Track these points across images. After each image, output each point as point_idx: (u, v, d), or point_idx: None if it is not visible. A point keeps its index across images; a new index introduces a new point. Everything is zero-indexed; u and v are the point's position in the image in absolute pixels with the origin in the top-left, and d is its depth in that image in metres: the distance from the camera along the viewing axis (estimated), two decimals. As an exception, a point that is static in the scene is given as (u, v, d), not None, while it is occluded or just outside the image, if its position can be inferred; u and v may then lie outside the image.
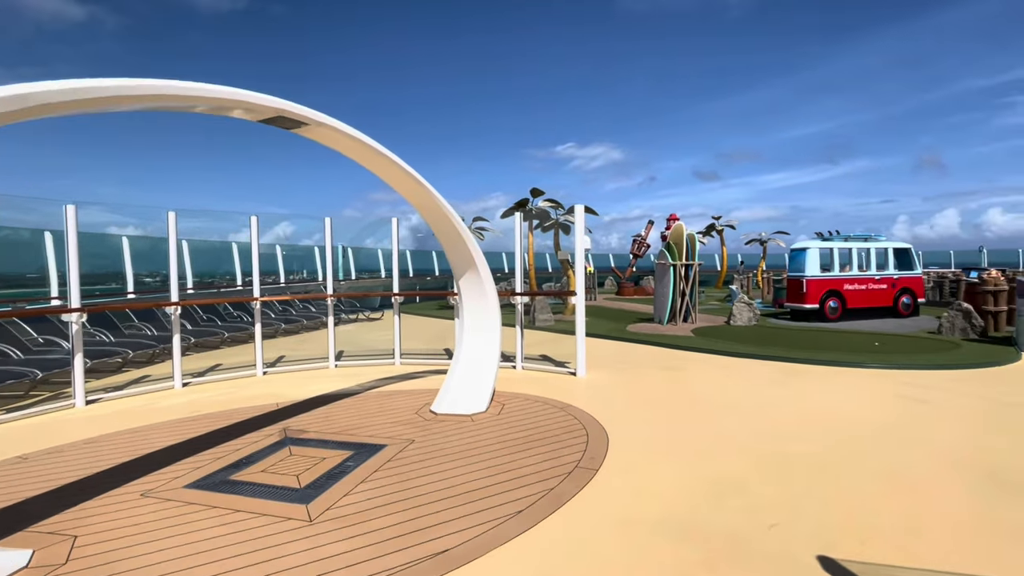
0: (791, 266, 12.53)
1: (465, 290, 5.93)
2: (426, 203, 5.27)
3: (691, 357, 8.27)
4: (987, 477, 3.54)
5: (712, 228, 27.01)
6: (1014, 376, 6.66)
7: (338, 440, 4.55)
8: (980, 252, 30.59)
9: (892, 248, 12.70)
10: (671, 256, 11.57)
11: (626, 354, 8.69)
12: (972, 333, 9.29)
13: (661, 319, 11.68)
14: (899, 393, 5.78)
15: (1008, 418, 4.91)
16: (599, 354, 8.63)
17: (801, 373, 6.94)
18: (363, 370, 7.77)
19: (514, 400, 5.74)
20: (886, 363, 7.22)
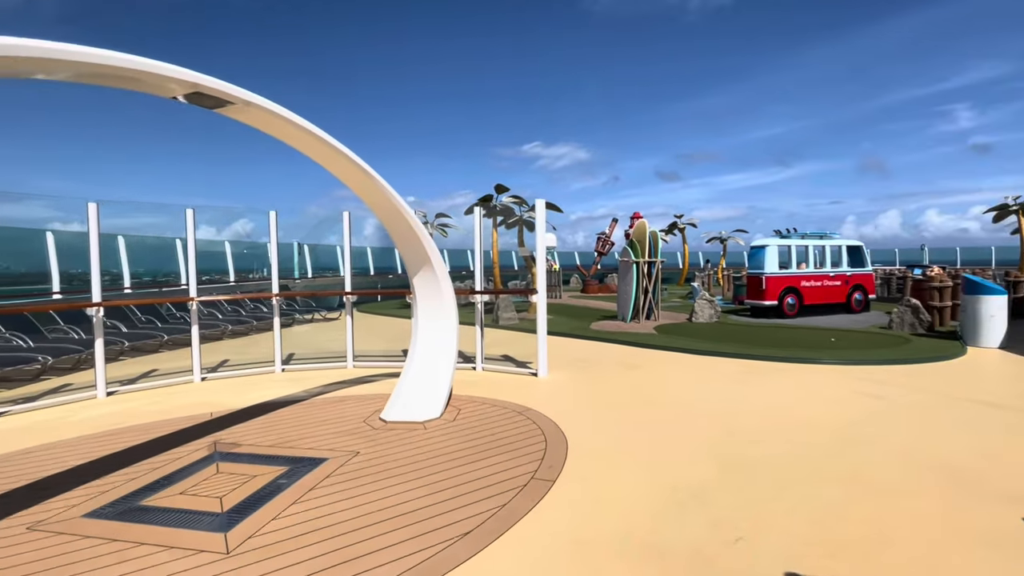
0: (751, 263, 12.70)
1: (420, 289, 5.58)
2: (375, 196, 4.89)
3: (654, 355, 8.17)
4: (948, 478, 3.49)
5: (674, 226, 27.42)
6: (961, 370, 6.83)
7: (274, 454, 4.14)
8: (922, 250, 32.28)
9: (845, 246, 13.06)
10: (634, 254, 11.51)
11: (589, 353, 8.52)
12: (920, 328, 9.59)
13: (624, 316, 11.61)
14: (856, 389, 5.80)
15: (960, 414, 4.95)
16: (562, 353, 8.43)
17: (762, 370, 6.91)
18: (312, 374, 7.29)
19: (471, 404, 5.43)
20: (842, 359, 7.29)
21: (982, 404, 5.21)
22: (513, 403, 5.44)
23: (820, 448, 4.07)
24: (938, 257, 30.91)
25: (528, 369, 7.05)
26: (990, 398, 5.44)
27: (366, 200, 4.96)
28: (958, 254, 30.65)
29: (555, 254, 31.87)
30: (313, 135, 4.05)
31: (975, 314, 8.36)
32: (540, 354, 6.70)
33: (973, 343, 8.33)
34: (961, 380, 6.31)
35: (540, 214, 6.75)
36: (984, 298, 8.30)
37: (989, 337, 8.24)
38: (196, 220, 7.17)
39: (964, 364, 7.15)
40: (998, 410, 4.99)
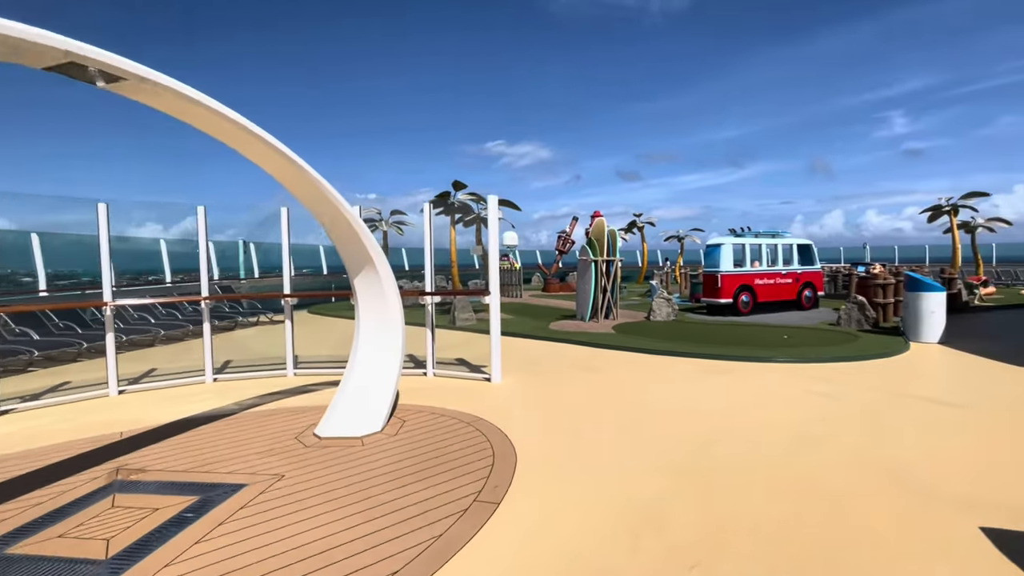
0: (707, 261, 12.82)
1: (362, 291, 5.15)
2: (303, 186, 4.43)
3: (612, 356, 8.01)
4: (902, 483, 3.40)
5: (633, 225, 27.70)
6: (906, 366, 6.98)
7: (185, 481, 3.65)
8: (864, 249, 33.98)
9: (796, 244, 13.38)
10: (592, 252, 11.37)
11: (547, 354, 8.28)
12: (866, 324, 9.86)
13: (583, 316, 11.47)
14: (809, 389, 5.78)
15: (909, 412, 4.96)
16: (519, 355, 8.15)
17: (718, 370, 6.85)
18: (248, 384, 6.72)
19: (417, 415, 5.06)
20: (795, 357, 7.33)
21: (928, 401, 5.26)
22: (463, 412, 5.10)
23: (777, 454, 3.94)
24: (878, 255, 32.59)
25: (482, 374, 6.72)
26: (935, 395, 5.51)
27: (293, 191, 4.49)
28: (896, 252, 32.41)
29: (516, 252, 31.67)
30: (222, 116, 3.57)
31: (917, 311, 8.62)
32: (494, 359, 6.39)
33: (915, 338, 8.59)
34: (907, 377, 6.42)
35: (492, 210, 6.43)
36: (925, 295, 8.57)
37: (929, 332, 8.52)
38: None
39: (908, 360, 7.32)
40: (944, 408, 5.04)
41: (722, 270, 12.24)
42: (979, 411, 4.89)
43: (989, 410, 4.92)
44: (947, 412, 4.88)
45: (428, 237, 6.85)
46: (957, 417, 4.74)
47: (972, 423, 4.57)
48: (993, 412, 4.87)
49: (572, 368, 7.20)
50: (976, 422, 4.59)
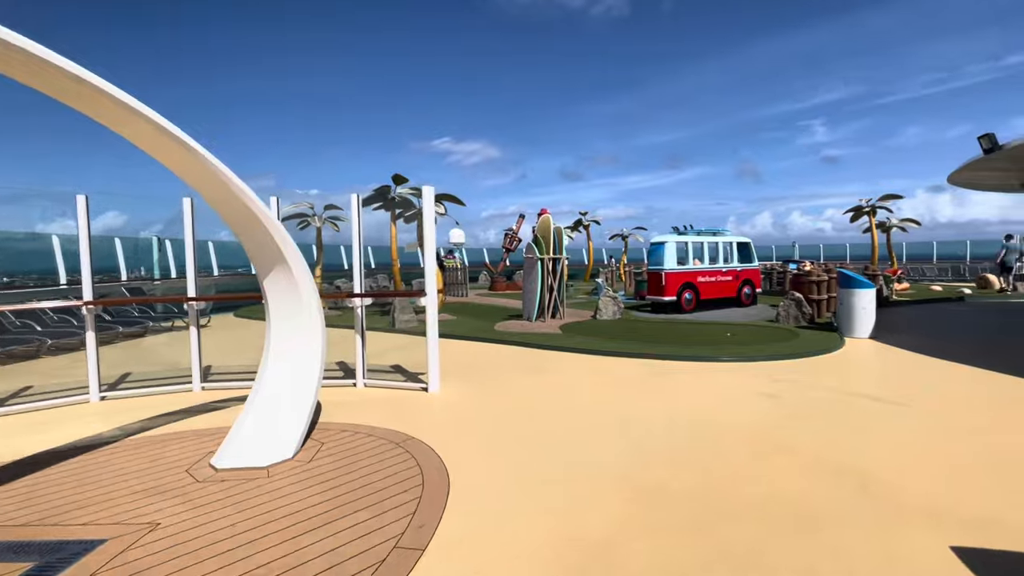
0: (651, 259, 12.81)
1: (272, 293, 4.45)
2: (185, 163, 3.69)
3: (558, 358, 7.65)
4: (863, 494, 3.18)
5: (579, 223, 27.79)
6: (845, 362, 7.07)
7: (22, 540, 2.87)
8: (793, 247, 35.98)
9: (736, 242, 13.66)
10: (538, 250, 11.01)
11: (491, 357, 7.81)
12: (803, 320, 10.09)
13: (530, 315, 11.09)
14: (758, 390, 5.64)
15: (857, 413, 4.89)
16: (462, 359, 7.62)
17: (666, 371, 6.63)
18: (144, 403, 5.79)
19: (339, 436, 4.43)
20: (740, 356, 7.26)
21: (874, 400, 5.23)
22: (393, 430, 4.52)
23: (733, 466, 3.66)
24: (806, 253, 34.59)
25: (419, 383, 6.14)
26: (879, 393, 5.51)
27: (174, 170, 3.74)
28: (821, 250, 34.52)
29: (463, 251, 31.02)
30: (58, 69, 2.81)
31: (850, 307, 8.87)
32: (431, 366, 5.83)
33: (848, 334, 8.83)
34: (849, 374, 6.46)
35: (428, 204, 5.87)
36: (857, 291, 8.82)
37: (861, 328, 8.78)
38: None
39: (846, 356, 7.44)
40: (890, 407, 5.00)
41: (666, 268, 12.25)
42: (922, 410, 4.88)
43: (931, 408, 4.93)
44: (894, 412, 4.84)
45: (356, 233, 6.18)
46: (904, 417, 4.69)
47: (919, 423, 4.52)
48: (935, 411, 4.87)
49: (516, 372, 6.77)
50: (922, 422, 4.55)
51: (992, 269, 17.55)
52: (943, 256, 30.68)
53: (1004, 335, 9.16)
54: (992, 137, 7.75)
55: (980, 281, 19.39)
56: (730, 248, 13.59)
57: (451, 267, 19.25)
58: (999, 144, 7.70)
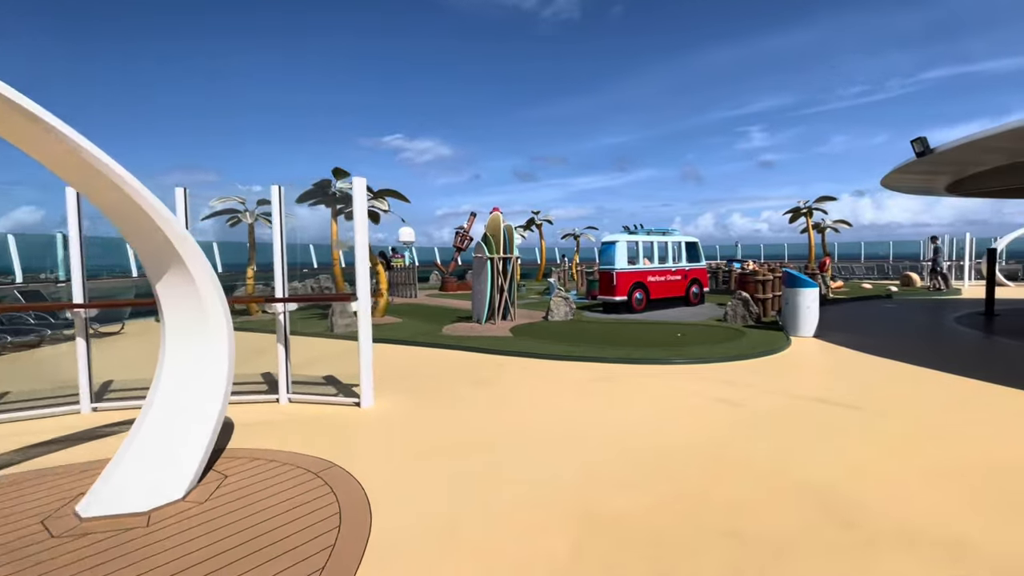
0: (602, 259, 12.65)
1: (166, 301, 3.75)
2: (48, 150, 2.98)
3: (507, 364, 7.22)
4: (833, 514, 2.94)
5: (531, 222, 27.58)
6: (794, 363, 7.05)
7: None
8: (736, 247, 37.39)
9: (684, 242, 13.75)
10: (488, 249, 10.56)
11: (436, 364, 7.28)
12: (750, 320, 10.18)
13: (480, 318, 10.62)
14: (712, 395, 5.43)
15: (811, 419, 4.75)
16: (404, 366, 7.05)
17: (618, 376, 6.35)
18: (16, 429, 4.87)
19: (248, 466, 3.79)
20: (692, 357, 7.10)
21: (827, 404, 5.12)
22: (313, 456, 3.93)
23: (693, 488, 3.35)
24: (748, 252, 36.02)
25: (353, 396, 5.53)
26: (831, 395, 5.42)
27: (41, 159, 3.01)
28: (762, 250, 36.05)
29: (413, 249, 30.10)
30: None
31: (795, 306, 8.97)
32: (364, 379, 5.25)
33: (794, 332, 8.93)
34: (798, 376, 6.41)
35: (359, 197, 5.28)
36: (801, 291, 8.94)
37: (806, 326, 8.90)
38: None
39: (794, 356, 7.45)
40: (843, 411, 4.90)
41: (617, 267, 12.11)
42: (876, 413, 4.80)
43: (882, 412, 4.85)
44: (847, 417, 4.73)
45: (279, 230, 5.51)
46: (857, 422, 4.58)
47: (876, 429, 4.41)
48: (888, 414, 4.80)
49: (461, 382, 6.28)
50: (879, 428, 4.45)
51: (924, 268, 18.65)
52: (870, 256, 32.72)
53: (935, 331, 9.57)
54: (924, 140, 8.03)
55: (904, 279, 20.68)
56: (678, 248, 13.66)
57: (399, 267, 18.47)
58: (931, 148, 7.99)
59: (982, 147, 7.67)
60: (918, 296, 16.32)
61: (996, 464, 3.61)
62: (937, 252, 16.29)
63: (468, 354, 8.00)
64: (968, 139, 7.48)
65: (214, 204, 13.18)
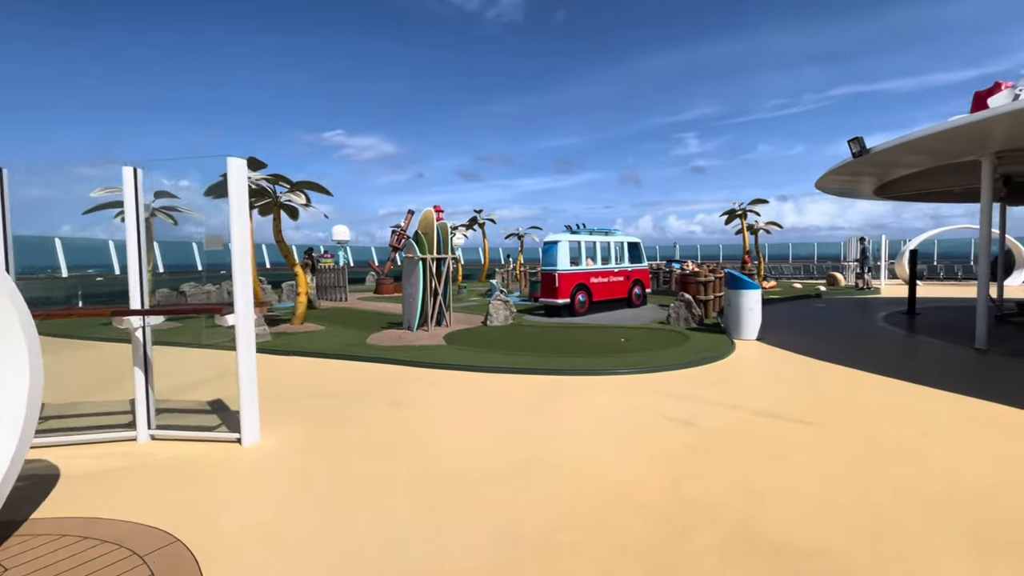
0: (544, 259, 12.05)
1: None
2: None
3: (436, 379, 6.39)
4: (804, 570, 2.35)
5: (474, 221, 26.73)
6: (741, 370, 6.68)
7: None
8: (675, 247, 38.35)
9: (626, 242, 13.42)
10: (420, 249, 9.64)
11: (353, 381, 6.31)
12: (692, 322, 9.90)
13: (411, 324, 9.68)
14: (662, 412, 4.87)
15: (771, 439, 4.27)
16: (312, 386, 6.04)
17: (558, 391, 5.69)
18: None
19: (45, 549, 2.74)
20: (638, 366, 6.57)
21: (784, 421, 4.68)
22: (149, 527, 2.92)
23: (644, 556, 2.68)
24: (685, 253, 37.01)
25: (236, 431, 4.49)
26: (785, 410, 4.99)
27: None
28: (699, 250, 37.16)
29: (348, 249, 28.43)
30: None
31: (737, 308, 8.73)
32: (245, 411, 4.23)
33: (737, 335, 8.68)
34: (747, 386, 6.00)
35: (236, 184, 4.24)
36: (744, 292, 8.70)
37: (749, 329, 8.67)
38: None
39: (740, 362, 7.11)
40: (801, 428, 4.46)
41: (559, 268, 11.54)
42: (832, 427, 4.40)
43: (839, 425, 4.47)
44: (807, 436, 4.29)
45: (134, 222, 4.38)
46: (818, 442, 4.14)
47: (835, 449, 3.97)
48: (845, 428, 4.42)
49: (378, 404, 5.38)
50: (837, 447, 4.02)
51: (852, 268, 19.37)
52: (796, 256, 34.48)
53: (868, 332, 9.66)
54: (860, 141, 7.99)
55: (830, 279, 21.67)
56: (621, 248, 13.32)
57: (327, 267, 17.07)
58: (867, 148, 7.96)
59: (911, 148, 7.69)
60: (843, 295, 17.00)
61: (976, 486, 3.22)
62: (864, 253, 17.01)
63: (393, 368, 7.08)
64: (901, 140, 7.47)
65: (96, 195, 11.38)
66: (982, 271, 7.55)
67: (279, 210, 10.71)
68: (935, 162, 8.45)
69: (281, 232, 10.73)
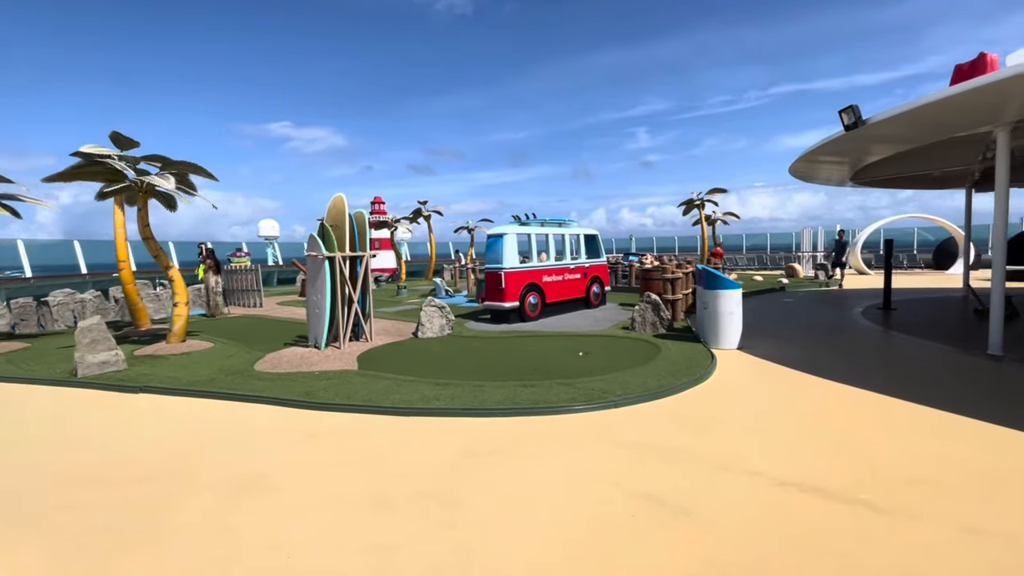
0: (488, 256, 10.27)
1: None
2: None
3: (323, 431, 4.54)
4: None
5: (419, 214, 24.60)
6: (728, 397, 5.18)
7: None
8: (630, 240, 37.50)
9: (583, 235, 11.87)
10: (326, 245, 7.65)
11: (202, 435, 4.36)
12: (661, 327, 8.45)
13: (317, 341, 7.71)
14: (639, 488, 3.24)
15: (830, 551, 2.70)
16: (136, 448, 4.04)
17: (490, 447, 3.98)
18: None
19: None
20: (599, 401, 4.95)
21: (843, 504, 3.15)
22: None
23: None
24: (641, 246, 36.21)
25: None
26: (835, 481, 3.48)
27: None
28: (654, 242, 36.46)
29: (276, 245, 25.62)
30: None
31: (715, 312, 7.30)
32: None
33: (714, 344, 7.27)
34: (754, 426, 4.46)
35: None
36: (723, 293, 7.28)
37: (729, 337, 7.26)
38: None
39: (726, 384, 5.62)
40: (882, 523, 2.93)
41: (506, 267, 9.82)
42: (919, 524, 2.89)
43: (925, 518, 2.98)
44: (894, 539, 2.76)
45: None
46: (921, 553, 2.61)
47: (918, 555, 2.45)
48: (934, 526, 2.93)
49: (211, 489, 3.48)
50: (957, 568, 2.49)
51: (828, 260, 18.03)
52: (750, 247, 34.34)
53: (858, 335, 8.50)
54: (855, 110, 6.71)
55: (789, 270, 21.09)
56: (577, 241, 11.76)
57: (239, 267, 14.63)
58: (863, 119, 6.69)
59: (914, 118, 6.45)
60: (807, 288, 16.22)
61: None
62: (844, 245, 16.09)
63: (270, 411, 5.15)
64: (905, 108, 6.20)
65: None
66: (997, 263, 6.41)
67: (146, 198, 8.41)
68: (935, 136, 7.27)
69: (148, 226, 8.42)
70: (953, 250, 23.24)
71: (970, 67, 7.45)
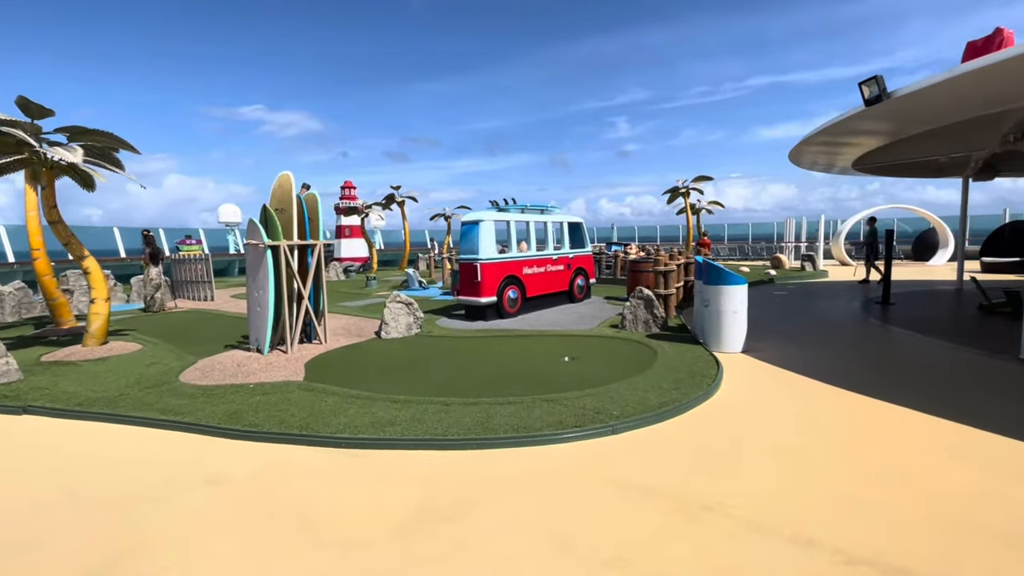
0: (463, 245, 9.23)
1: None
2: None
3: (239, 468, 3.50)
4: None
5: (392, 200, 23.28)
6: (742, 416, 4.31)
7: None
8: (612, 229, 36.77)
9: (567, 223, 10.91)
10: (269, 232, 6.51)
11: (73, 480, 3.28)
12: (655, 325, 7.58)
13: (260, 344, 6.60)
14: (658, 569, 2.32)
15: None
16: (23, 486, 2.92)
17: (455, 501, 3.01)
18: None
19: None
20: (590, 425, 4.02)
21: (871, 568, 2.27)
22: None
23: None
24: (623, 235, 35.50)
25: None
26: (888, 552, 2.61)
27: None
28: (636, 232, 35.80)
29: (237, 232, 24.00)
30: None
31: (717, 311, 6.44)
32: None
33: (715, 346, 6.42)
34: (787, 463, 3.59)
35: None
36: (727, 289, 6.42)
37: (732, 339, 6.43)
38: None
39: (737, 398, 4.76)
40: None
41: (482, 257, 8.81)
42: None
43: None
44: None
45: None
46: None
47: None
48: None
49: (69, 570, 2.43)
50: None
51: (860, 252, 16.18)
52: (731, 237, 33.95)
53: (872, 337, 7.78)
54: (879, 81, 5.88)
55: (774, 261, 20.57)
56: (560, 229, 10.81)
57: (192, 256, 13.25)
58: (888, 91, 5.87)
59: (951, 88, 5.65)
60: (795, 279, 15.65)
61: None
62: (875, 235, 13.77)
63: (176, 443, 4.08)
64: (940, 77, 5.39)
65: None
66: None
67: (51, 174, 7.10)
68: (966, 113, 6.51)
69: (55, 207, 7.12)
70: (933, 241, 23.10)
71: (984, 43, 6.73)
